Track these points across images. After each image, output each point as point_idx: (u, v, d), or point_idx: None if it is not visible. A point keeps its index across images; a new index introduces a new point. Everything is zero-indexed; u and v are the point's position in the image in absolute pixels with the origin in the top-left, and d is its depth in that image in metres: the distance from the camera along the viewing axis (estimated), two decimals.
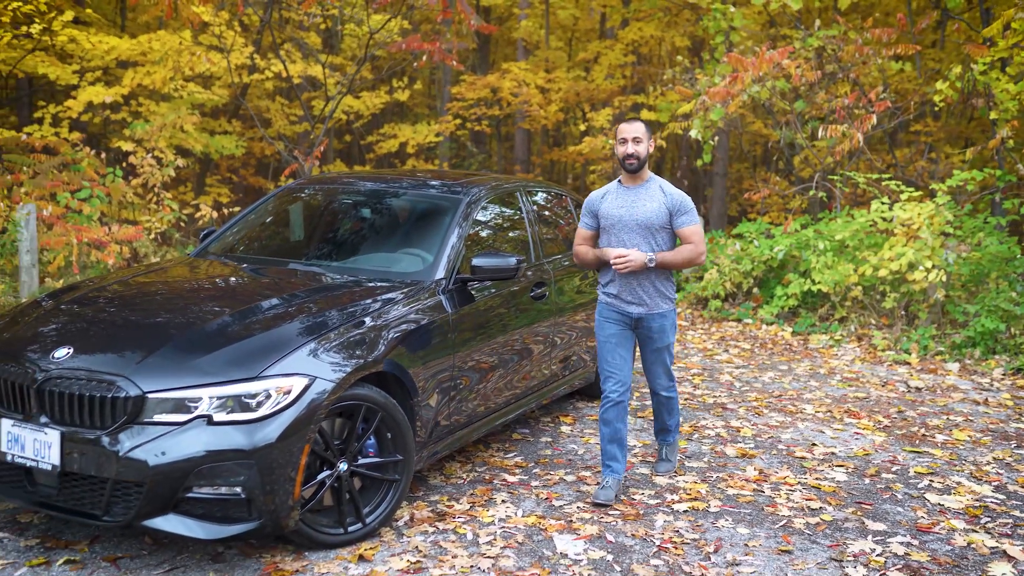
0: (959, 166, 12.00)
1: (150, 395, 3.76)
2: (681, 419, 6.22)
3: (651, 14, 17.30)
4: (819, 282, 9.83)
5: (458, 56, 18.17)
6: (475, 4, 19.88)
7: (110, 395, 3.77)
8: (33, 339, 4.24)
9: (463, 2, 11.43)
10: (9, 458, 3.92)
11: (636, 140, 4.80)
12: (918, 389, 7.61)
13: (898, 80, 13.83)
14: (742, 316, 10.58)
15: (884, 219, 9.82)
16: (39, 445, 3.85)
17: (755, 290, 10.97)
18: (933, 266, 8.79)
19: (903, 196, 9.65)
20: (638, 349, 5.12)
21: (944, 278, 8.81)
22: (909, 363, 8.50)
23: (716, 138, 12.09)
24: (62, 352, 3.99)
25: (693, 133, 11.34)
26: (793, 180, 13.77)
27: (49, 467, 3.83)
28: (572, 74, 19.09)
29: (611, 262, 4.76)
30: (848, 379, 7.91)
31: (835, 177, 11.38)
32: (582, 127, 18.45)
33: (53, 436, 3.81)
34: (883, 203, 9.82)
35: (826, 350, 9.08)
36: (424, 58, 12.42)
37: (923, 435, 6.30)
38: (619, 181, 4.97)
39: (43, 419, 3.88)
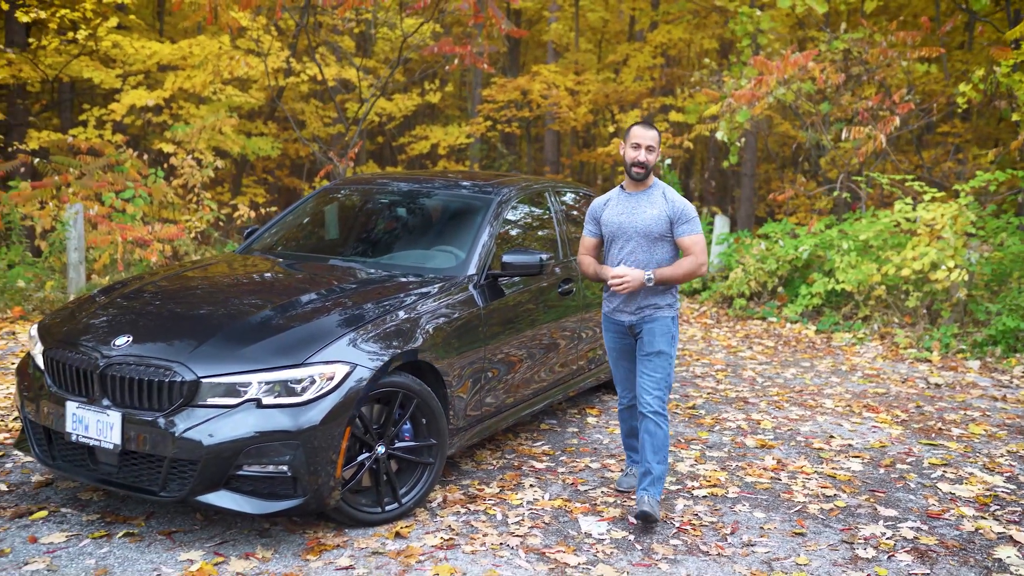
0: (986, 167, 12.11)
1: (204, 380, 4.06)
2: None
3: (680, 17, 17.50)
4: (843, 281, 10.00)
5: (489, 59, 18.43)
6: (506, 8, 20.14)
7: (167, 380, 4.07)
8: (94, 329, 4.55)
9: (493, 7, 11.70)
10: (74, 437, 4.24)
11: (649, 148, 4.62)
12: (937, 385, 7.78)
13: (925, 82, 13.94)
14: (767, 314, 10.77)
15: (908, 219, 9.98)
16: (101, 426, 4.16)
17: (780, 289, 11.15)
18: (955, 266, 8.95)
19: (926, 197, 9.81)
20: None
21: (966, 277, 8.97)
22: (930, 361, 8.66)
23: (743, 139, 12.29)
24: (122, 340, 4.29)
25: (719, 135, 11.55)
26: (820, 181, 13.93)
27: (111, 446, 4.14)
28: (601, 76, 19.33)
29: (608, 283, 4.63)
30: (869, 375, 8.10)
31: (859, 178, 11.54)
32: (611, 129, 18.68)
33: (114, 417, 4.12)
34: (906, 204, 9.98)
35: (848, 348, 9.26)
36: (455, 61, 12.71)
37: (939, 428, 6.49)
38: (622, 187, 4.80)
39: (105, 402, 4.19)
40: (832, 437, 6.21)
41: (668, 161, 13.79)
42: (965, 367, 8.40)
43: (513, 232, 5.96)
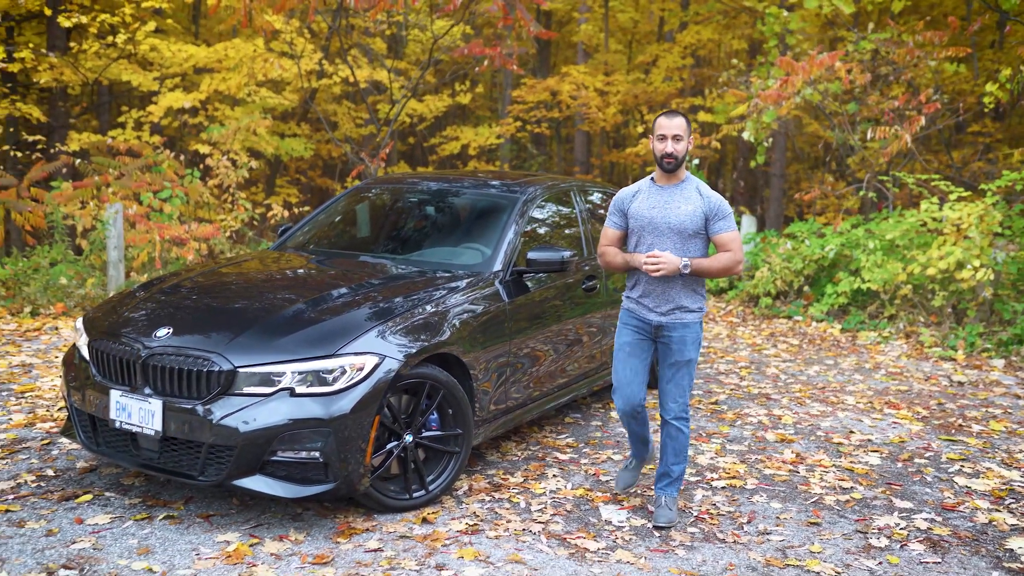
0: (1016, 166, 12.10)
1: (240, 370, 4.26)
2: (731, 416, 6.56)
3: (709, 17, 17.57)
4: (869, 280, 10.06)
5: (518, 60, 18.59)
6: (535, 9, 20.31)
7: (206, 369, 4.28)
8: (136, 322, 4.77)
9: (522, 9, 11.86)
10: (117, 424, 4.46)
11: (676, 138, 4.40)
12: (960, 383, 7.85)
13: (955, 81, 13.94)
14: (792, 313, 10.85)
15: (934, 219, 10.02)
16: (143, 413, 4.37)
17: (806, 288, 11.22)
18: (981, 265, 8.99)
19: (952, 196, 9.85)
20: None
21: (992, 277, 9.01)
22: (955, 359, 8.72)
23: (770, 140, 12.36)
24: (163, 332, 4.50)
25: (746, 135, 11.64)
26: (849, 181, 13.96)
27: (152, 433, 4.35)
28: (631, 77, 19.43)
29: (642, 264, 4.39)
30: (892, 373, 8.17)
31: (885, 178, 11.58)
32: (640, 129, 18.78)
33: (156, 405, 4.33)
34: (932, 203, 10.03)
35: (873, 346, 9.33)
36: (485, 63, 12.90)
37: (960, 425, 6.57)
38: (652, 179, 4.59)
39: (147, 390, 4.40)
40: (852, 432, 6.31)
41: (696, 161, 13.87)
42: (990, 366, 8.45)
43: (540, 230, 6.12)
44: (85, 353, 4.80)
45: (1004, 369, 8.36)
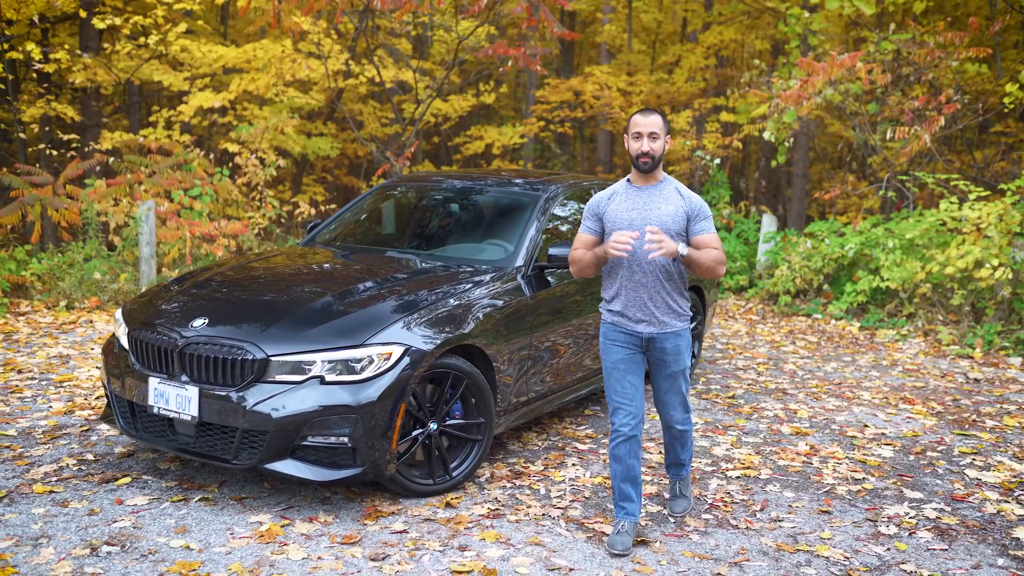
0: None
1: (273, 358, 4.46)
2: (741, 400, 6.69)
3: (732, 18, 17.66)
4: (888, 279, 10.15)
5: (542, 61, 18.76)
6: (559, 10, 20.47)
7: (240, 358, 4.48)
8: (173, 313, 4.98)
9: (546, 11, 12.03)
10: (156, 410, 4.67)
11: (653, 136, 4.16)
12: (976, 380, 7.94)
13: (978, 82, 13.97)
14: (811, 311, 10.96)
15: (953, 218, 10.10)
16: (180, 400, 4.58)
17: (826, 287, 11.32)
18: (1000, 264, 9.07)
19: (971, 196, 9.93)
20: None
21: (1011, 276, 9.08)
22: (972, 357, 8.80)
23: (791, 139, 12.47)
24: (199, 322, 4.72)
25: (766, 135, 11.76)
26: (871, 181, 14.03)
27: (189, 418, 4.56)
28: (654, 77, 19.55)
29: (644, 244, 4.05)
30: (909, 370, 8.28)
31: (905, 177, 11.66)
32: None
33: (192, 392, 4.54)
34: (952, 203, 10.11)
35: (891, 344, 9.42)
36: (510, 63, 13.07)
37: (973, 420, 6.68)
38: (628, 180, 4.36)
39: (184, 378, 4.61)
40: (866, 426, 6.44)
41: (718, 161, 13.98)
42: (1007, 363, 8.54)
43: (561, 227, 6.29)
44: (124, 343, 5.02)
45: (1021, 367, 8.44)
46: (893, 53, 11.86)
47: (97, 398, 6.45)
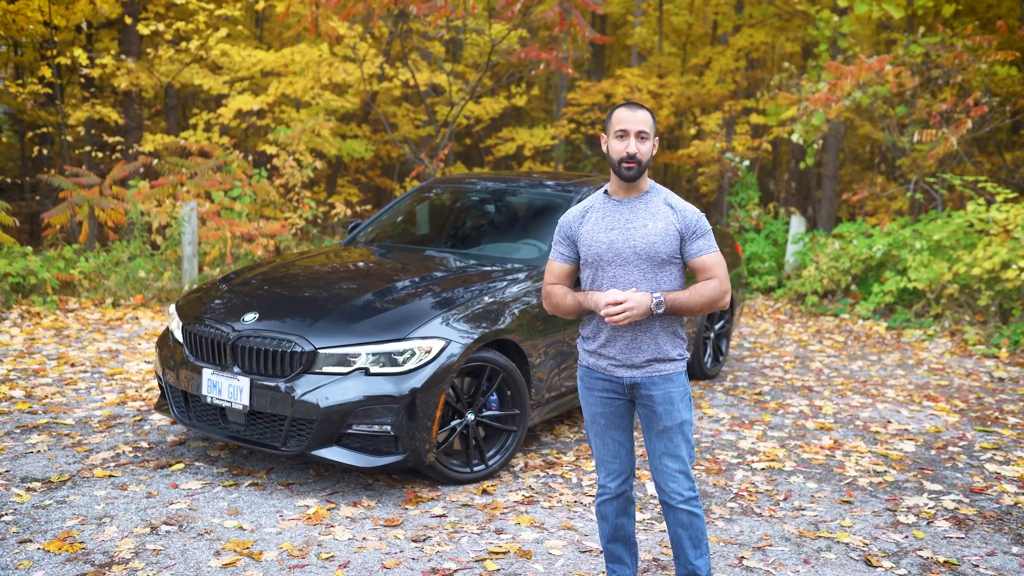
0: None
1: (321, 351, 4.72)
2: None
3: (763, 20, 17.79)
4: (915, 280, 10.27)
5: (573, 63, 18.97)
6: (590, 13, 20.67)
7: (289, 350, 4.75)
8: (225, 308, 5.26)
9: (578, 15, 12.25)
10: (209, 399, 4.95)
11: (641, 136, 3.32)
12: (1001, 379, 8.07)
13: (1007, 84, 14.02)
14: (839, 311, 11.10)
15: (981, 220, 10.21)
16: (232, 390, 4.85)
17: (853, 287, 11.45)
18: None
19: (999, 198, 10.03)
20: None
21: None
22: (998, 356, 8.92)
23: (821, 141, 12.60)
24: (250, 317, 4.99)
25: (795, 137, 11.91)
26: (900, 182, 14.12)
27: (240, 407, 4.83)
28: (685, 79, 19.69)
29: (602, 313, 3.27)
30: (934, 369, 8.41)
31: (932, 179, 11.77)
32: (693, 131, 19.04)
33: (244, 382, 4.81)
34: (979, 204, 10.22)
35: (918, 344, 9.56)
36: (541, 66, 13.30)
37: (996, 417, 6.83)
38: (605, 192, 3.48)
39: (236, 369, 4.88)
40: (889, 422, 6.61)
41: (747, 163, 14.13)
42: None
43: None
44: (179, 336, 5.31)
45: None
46: (922, 56, 11.97)
47: (148, 390, 6.75)
